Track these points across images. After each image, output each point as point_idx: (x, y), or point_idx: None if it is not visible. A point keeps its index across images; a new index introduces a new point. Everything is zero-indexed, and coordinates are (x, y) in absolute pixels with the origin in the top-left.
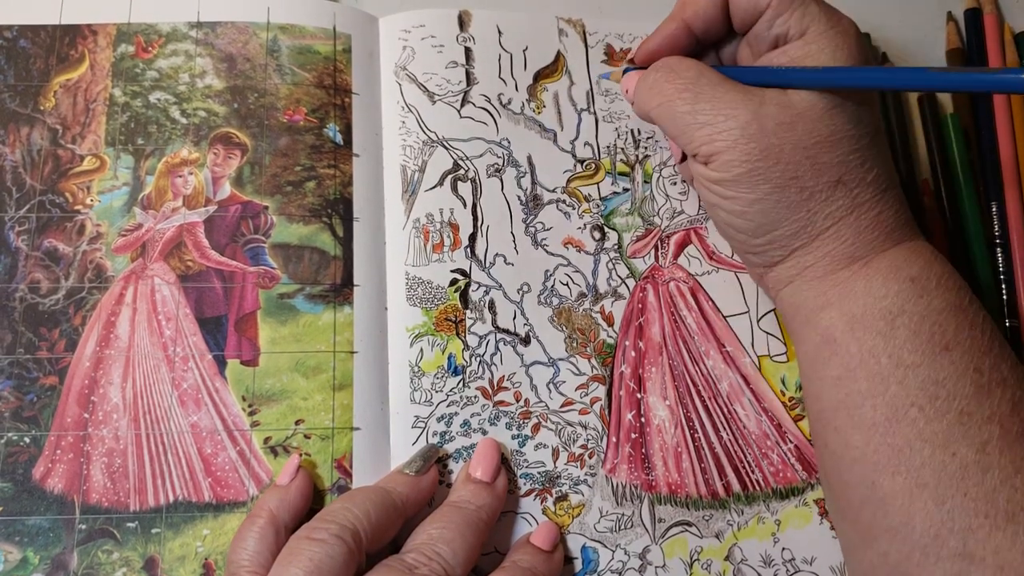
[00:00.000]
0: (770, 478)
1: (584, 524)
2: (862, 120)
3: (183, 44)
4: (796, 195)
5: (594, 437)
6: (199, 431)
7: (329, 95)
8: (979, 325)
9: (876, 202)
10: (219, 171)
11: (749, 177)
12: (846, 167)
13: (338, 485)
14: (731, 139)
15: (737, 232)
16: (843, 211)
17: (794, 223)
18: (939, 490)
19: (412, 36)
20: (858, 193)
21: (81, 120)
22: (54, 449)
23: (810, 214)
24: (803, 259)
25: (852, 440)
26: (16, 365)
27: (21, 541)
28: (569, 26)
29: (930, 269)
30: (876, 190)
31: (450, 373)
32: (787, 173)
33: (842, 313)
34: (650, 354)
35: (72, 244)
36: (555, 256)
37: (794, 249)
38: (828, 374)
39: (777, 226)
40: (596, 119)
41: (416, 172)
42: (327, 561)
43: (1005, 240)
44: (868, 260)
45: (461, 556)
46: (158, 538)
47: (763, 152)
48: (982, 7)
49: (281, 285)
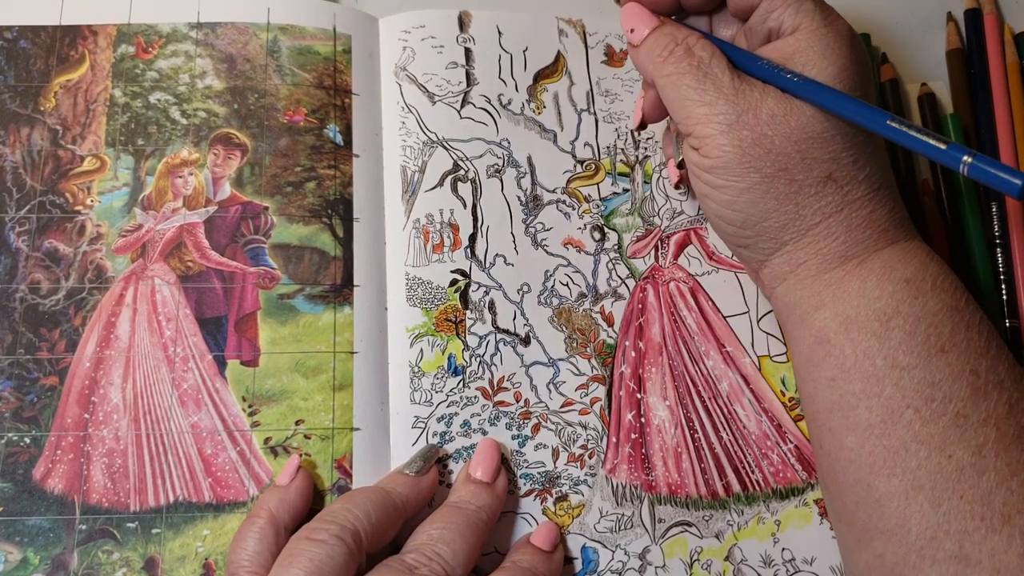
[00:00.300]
0: (770, 478)
1: (584, 524)
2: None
3: (183, 45)
4: (785, 187)
5: (594, 437)
6: (199, 431)
7: (329, 96)
8: (975, 327)
9: (868, 200)
10: (219, 172)
11: (739, 164)
12: (837, 164)
13: (338, 485)
14: (726, 123)
15: (727, 224)
16: (833, 207)
17: (782, 215)
18: (935, 492)
19: (412, 37)
20: (849, 190)
21: (81, 121)
22: (54, 449)
23: (798, 207)
24: (795, 255)
25: (846, 442)
26: (16, 365)
27: (21, 541)
28: (569, 26)
29: (925, 270)
30: (868, 188)
31: (450, 373)
32: (777, 164)
33: (836, 313)
34: (650, 354)
35: (72, 245)
36: (555, 256)
37: (784, 242)
38: (822, 375)
39: (766, 218)
40: (596, 119)
41: (416, 172)
42: (327, 561)
43: (1005, 240)
44: (862, 260)
45: (461, 556)
46: (158, 538)
47: (754, 140)
48: (982, 7)
49: (281, 285)
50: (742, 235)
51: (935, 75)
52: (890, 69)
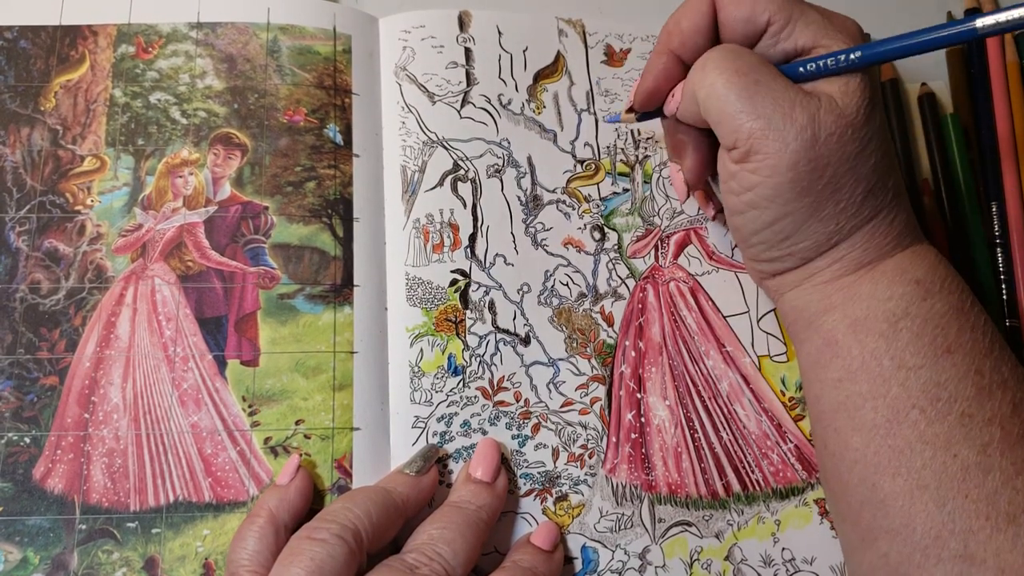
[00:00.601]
0: (770, 478)
1: (584, 524)
2: (883, 120)
3: (183, 45)
4: (832, 208)
5: (594, 437)
6: (199, 431)
7: (329, 95)
8: (980, 327)
9: (892, 208)
10: (219, 171)
11: (791, 187)
12: (877, 175)
13: (338, 485)
14: (783, 141)
15: (759, 241)
16: (865, 220)
17: (821, 235)
18: (940, 492)
19: (412, 37)
20: (881, 200)
21: (81, 121)
22: (54, 449)
23: (838, 226)
24: (814, 266)
25: (852, 442)
26: (16, 365)
27: (21, 541)
28: (569, 26)
29: (935, 272)
30: (894, 196)
31: (450, 373)
32: (829, 187)
33: (845, 315)
34: (650, 354)
35: (72, 244)
36: (555, 256)
37: (809, 260)
38: (829, 376)
39: (806, 238)
40: (596, 119)
41: (416, 172)
42: (328, 561)
43: (1005, 240)
44: (875, 264)
45: (462, 556)
46: (158, 538)
47: (811, 163)
48: (982, 7)
49: (281, 285)
50: (769, 253)
51: (935, 75)
52: (890, 69)
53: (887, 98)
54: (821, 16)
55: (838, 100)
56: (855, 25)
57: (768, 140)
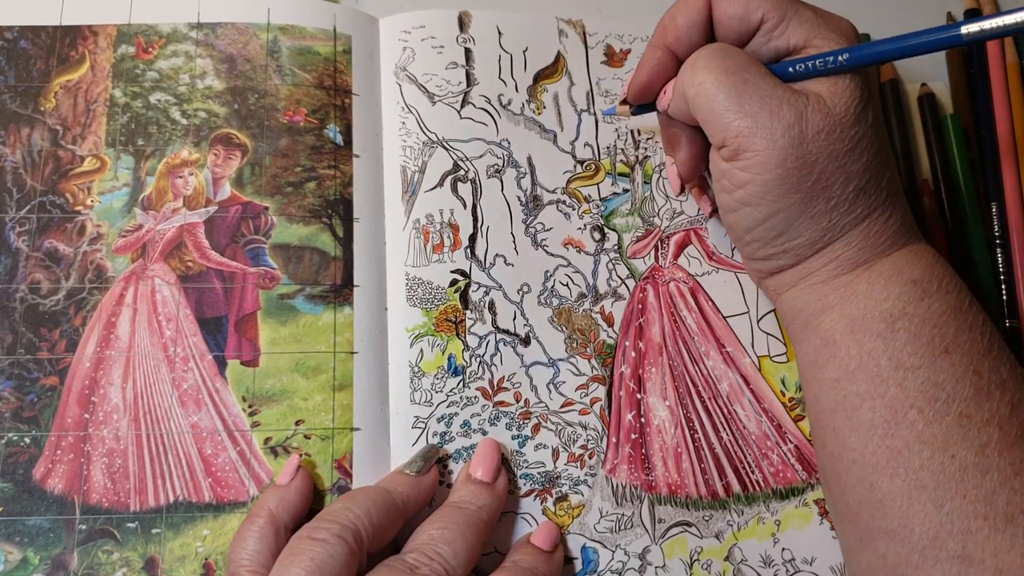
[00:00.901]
0: (770, 478)
1: (584, 524)
2: (878, 119)
3: (183, 45)
4: (823, 205)
5: (594, 437)
6: (199, 431)
7: (329, 96)
8: (978, 328)
9: (887, 207)
10: (219, 172)
11: (780, 183)
12: (869, 173)
13: (338, 485)
14: (771, 138)
15: (753, 239)
16: (859, 218)
17: (814, 232)
18: (938, 492)
19: (412, 37)
20: (874, 199)
21: (81, 121)
22: (54, 449)
23: (831, 223)
24: (810, 265)
25: (850, 442)
26: (16, 365)
27: (21, 541)
28: (569, 27)
29: (932, 272)
30: (888, 195)
31: (450, 373)
32: (819, 184)
33: (843, 315)
34: (650, 354)
35: (72, 245)
36: (555, 257)
37: (805, 257)
38: (827, 376)
39: (798, 235)
40: (596, 120)
41: (416, 173)
42: (329, 561)
43: (1005, 241)
44: (871, 264)
45: (462, 556)
46: (158, 538)
47: (799, 160)
48: (982, 7)
49: (281, 285)
50: (764, 251)
51: (935, 75)
52: (890, 69)
53: (887, 98)
54: (815, 15)
55: (827, 99)
56: (849, 25)
57: (756, 138)
